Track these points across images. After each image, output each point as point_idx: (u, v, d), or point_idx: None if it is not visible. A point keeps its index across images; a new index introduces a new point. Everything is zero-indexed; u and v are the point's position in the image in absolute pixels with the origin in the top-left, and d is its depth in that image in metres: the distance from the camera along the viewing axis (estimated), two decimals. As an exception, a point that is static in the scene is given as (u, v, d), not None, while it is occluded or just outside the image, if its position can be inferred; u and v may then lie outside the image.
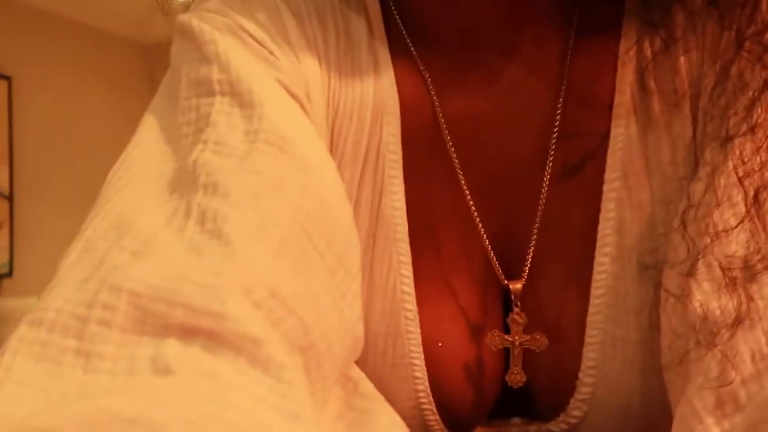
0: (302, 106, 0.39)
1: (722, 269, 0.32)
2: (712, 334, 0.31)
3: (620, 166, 0.40)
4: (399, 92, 0.43)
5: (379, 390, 0.40)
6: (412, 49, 0.44)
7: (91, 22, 4.33)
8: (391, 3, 0.44)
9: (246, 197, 0.31)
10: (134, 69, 4.46)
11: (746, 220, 0.32)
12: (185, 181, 0.32)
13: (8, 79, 3.91)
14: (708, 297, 0.32)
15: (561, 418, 0.44)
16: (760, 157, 0.33)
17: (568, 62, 0.42)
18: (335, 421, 0.35)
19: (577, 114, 0.42)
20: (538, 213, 0.42)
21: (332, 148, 0.42)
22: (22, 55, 3.99)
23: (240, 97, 0.35)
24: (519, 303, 0.42)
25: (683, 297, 0.33)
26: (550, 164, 0.42)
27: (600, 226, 0.41)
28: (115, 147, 0.36)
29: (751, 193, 0.32)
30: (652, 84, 0.40)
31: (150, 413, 0.21)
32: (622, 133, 0.40)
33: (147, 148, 0.35)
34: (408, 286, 0.42)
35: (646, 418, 0.42)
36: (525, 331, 0.42)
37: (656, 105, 0.40)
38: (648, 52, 0.40)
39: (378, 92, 0.42)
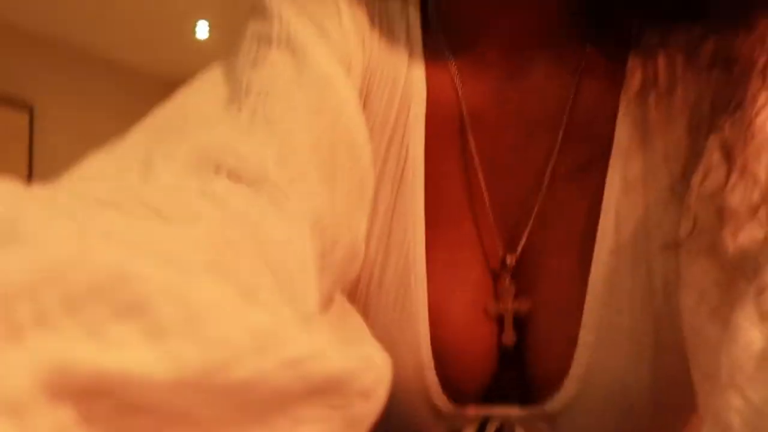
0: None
1: (743, 210, 0.37)
2: (753, 266, 0.34)
3: (621, 171, 0.46)
4: (428, 81, 0.50)
5: (386, 345, 0.42)
6: (445, 48, 0.51)
7: (115, 55, 4.41)
8: (431, 6, 0.52)
9: (292, 103, 0.39)
10: (156, 103, 4.52)
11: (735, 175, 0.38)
12: (239, 92, 0.39)
13: (30, 109, 3.98)
14: (737, 233, 0.37)
15: (555, 396, 0.48)
16: (744, 136, 0.39)
17: (578, 76, 0.49)
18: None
19: (583, 121, 0.49)
20: (538, 200, 0.49)
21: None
22: (44, 86, 4.07)
23: (294, 49, 0.43)
24: (511, 273, 0.49)
25: (717, 243, 0.38)
26: (553, 161, 0.49)
27: (601, 223, 0.46)
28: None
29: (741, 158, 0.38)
30: (652, 102, 0.46)
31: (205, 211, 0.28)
32: (625, 142, 0.46)
33: (208, 79, 0.42)
34: (420, 249, 0.48)
35: (630, 400, 0.47)
36: (516, 298, 0.48)
37: (656, 119, 0.46)
38: (651, 74, 0.46)
39: (409, 79, 0.50)
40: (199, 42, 4.15)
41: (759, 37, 0.41)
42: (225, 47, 0.47)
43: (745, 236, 0.36)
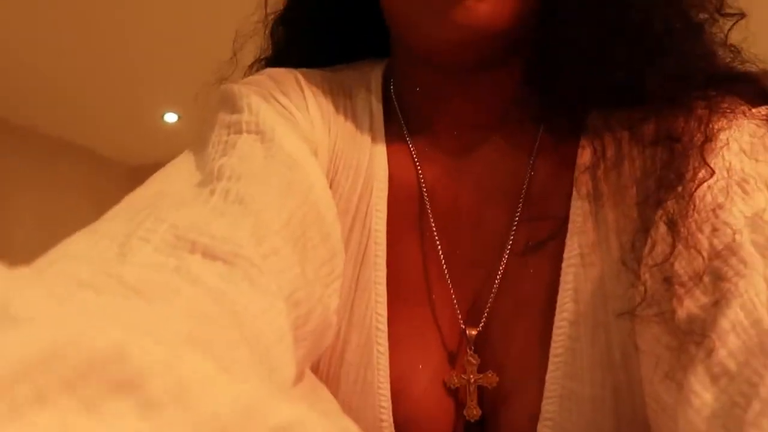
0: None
1: (688, 278, 0.39)
2: (701, 330, 0.36)
3: (577, 246, 0.48)
4: (389, 164, 0.53)
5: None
6: (405, 132, 0.55)
7: (76, 141, 4.42)
8: (393, 95, 0.57)
9: (263, 185, 0.41)
10: (119, 189, 4.50)
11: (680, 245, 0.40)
12: (212, 176, 0.40)
13: (-9, 195, 3.93)
14: (684, 300, 0.38)
15: None
16: (687, 209, 0.41)
17: (533, 157, 0.52)
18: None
19: (539, 198, 0.51)
20: (498, 275, 0.51)
21: None
22: (5, 172, 4.03)
23: (263, 135, 0.45)
24: (473, 346, 0.49)
25: (666, 310, 0.40)
26: (512, 238, 0.51)
27: (559, 296, 0.48)
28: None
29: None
30: (601, 175, 0.49)
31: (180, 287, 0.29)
32: (579, 216, 0.49)
33: (179, 167, 0.44)
34: (382, 324, 0.49)
35: None
36: (479, 372, 0.49)
37: (606, 193, 0.49)
38: (599, 150, 0.48)
39: (372, 162, 0.53)
40: (166, 129, 4.18)
41: (696, 119, 0.45)
42: (193, 134, 0.48)
43: (691, 302, 0.38)
